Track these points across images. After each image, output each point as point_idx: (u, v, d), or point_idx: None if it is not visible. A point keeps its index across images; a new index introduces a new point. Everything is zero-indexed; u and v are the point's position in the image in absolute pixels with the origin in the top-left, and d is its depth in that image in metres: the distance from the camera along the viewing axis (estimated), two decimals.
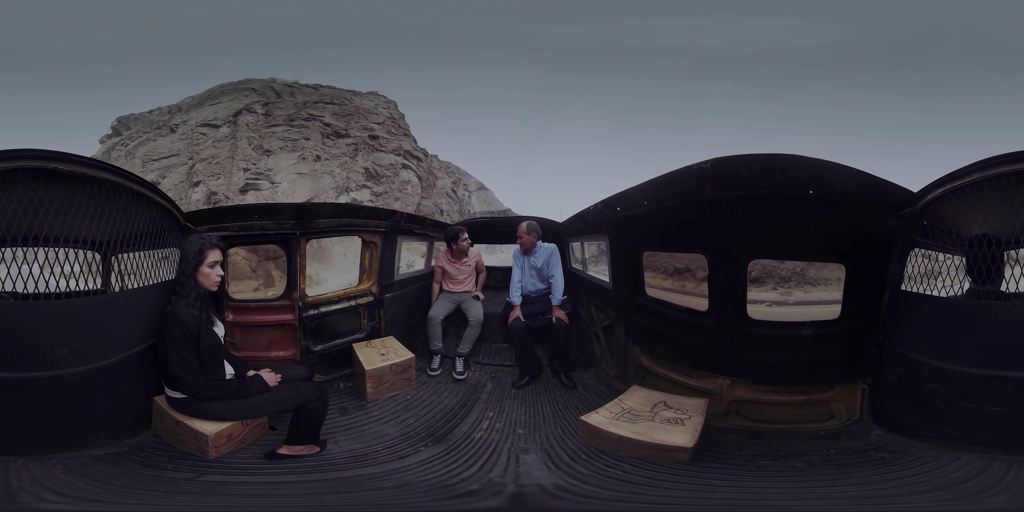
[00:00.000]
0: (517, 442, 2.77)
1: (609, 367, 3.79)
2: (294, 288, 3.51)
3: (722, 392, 2.80)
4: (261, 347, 3.46)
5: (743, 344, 2.72)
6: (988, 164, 1.99)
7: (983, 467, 1.89)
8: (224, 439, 2.33)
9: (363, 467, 2.42)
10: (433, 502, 2.07)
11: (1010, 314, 1.99)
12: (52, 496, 1.68)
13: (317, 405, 2.48)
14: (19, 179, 1.88)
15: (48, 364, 1.93)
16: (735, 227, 2.57)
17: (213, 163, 21.62)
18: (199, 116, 23.24)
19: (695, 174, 2.37)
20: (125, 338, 2.22)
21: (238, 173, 21.48)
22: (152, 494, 1.89)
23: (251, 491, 2.08)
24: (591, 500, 2.05)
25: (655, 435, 2.44)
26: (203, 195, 20.98)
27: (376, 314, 4.19)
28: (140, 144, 22.90)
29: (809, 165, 2.20)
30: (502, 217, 8.03)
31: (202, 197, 21.04)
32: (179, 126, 22.85)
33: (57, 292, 2.07)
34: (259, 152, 22.22)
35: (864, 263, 2.50)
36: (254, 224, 3.26)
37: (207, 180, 21.19)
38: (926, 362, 2.21)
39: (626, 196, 3.05)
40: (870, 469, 2.15)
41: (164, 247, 2.61)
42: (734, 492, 2.10)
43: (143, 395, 2.38)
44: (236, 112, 22.98)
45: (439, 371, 4.14)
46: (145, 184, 2.35)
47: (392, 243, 4.40)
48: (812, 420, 2.67)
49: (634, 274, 3.41)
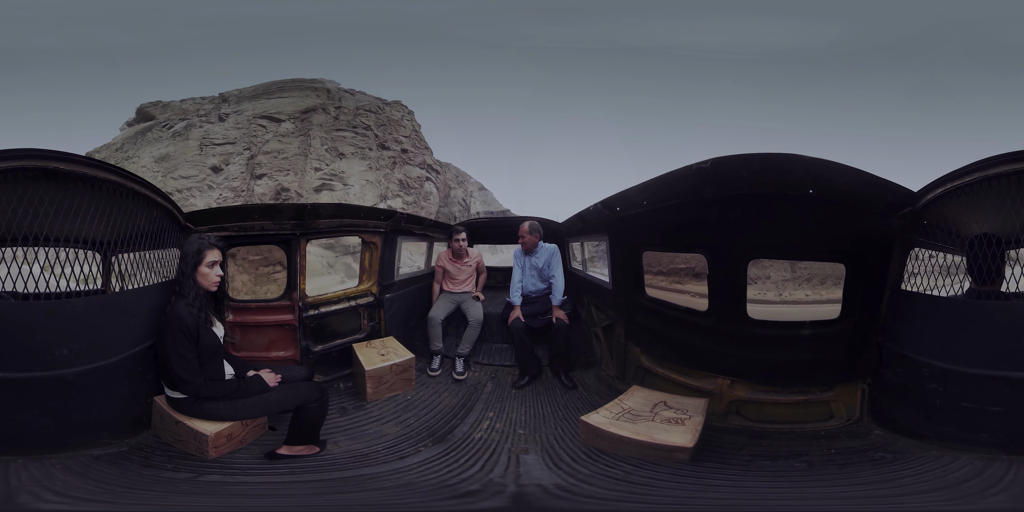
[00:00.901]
0: (517, 442, 2.77)
1: (609, 367, 3.79)
2: (294, 288, 3.51)
3: (722, 392, 2.80)
4: (261, 347, 3.46)
5: (743, 344, 2.72)
6: (988, 164, 1.99)
7: (983, 467, 1.89)
8: (224, 439, 2.32)
9: (363, 467, 2.42)
10: (433, 502, 2.07)
11: (1010, 314, 1.99)
12: (52, 496, 1.68)
13: (317, 405, 2.48)
14: (19, 179, 1.88)
15: (48, 364, 1.93)
16: (735, 227, 2.57)
17: (279, 158, 21.48)
18: (255, 108, 23.00)
19: (695, 174, 2.37)
20: (125, 338, 2.22)
21: (311, 172, 21.56)
22: (152, 494, 1.89)
23: (251, 491, 2.08)
24: (591, 500, 2.05)
25: (655, 435, 2.44)
26: (269, 189, 20.84)
27: (376, 314, 4.19)
28: (191, 126, 22.38)
29: (809, 165, 2.21)
30: (502, 217, 8.04)
31: (268, 191, 20.89)
32: (230, 116, 22.53)
33: (57, 292, 2.07)
34: (333, 153, 22.45)
35: (864, 263, 2.50)
36: (254, 224, 3.26)
37: (274, 174, 21.08)
38: (926, 362, 2.21)
39: (626, 196, 3.05)
40: (870, 469, 2.15)
41: (164, 247, 2.61)
42: (734, 492, 2.10)
43: (143, 395, 2.38)
44: (305, 109, 22.97)
45: (439, 371, 4.14)
46: (145, 184, 2.35)
47: (392, 243, 4.41)
48: (812, 420, 2.67)
49: (634, 274, 3.41)
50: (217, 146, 21.41)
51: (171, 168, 20.51)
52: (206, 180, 20.47)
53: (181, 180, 20.20)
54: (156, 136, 22.27)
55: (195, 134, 21.75)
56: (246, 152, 21.58)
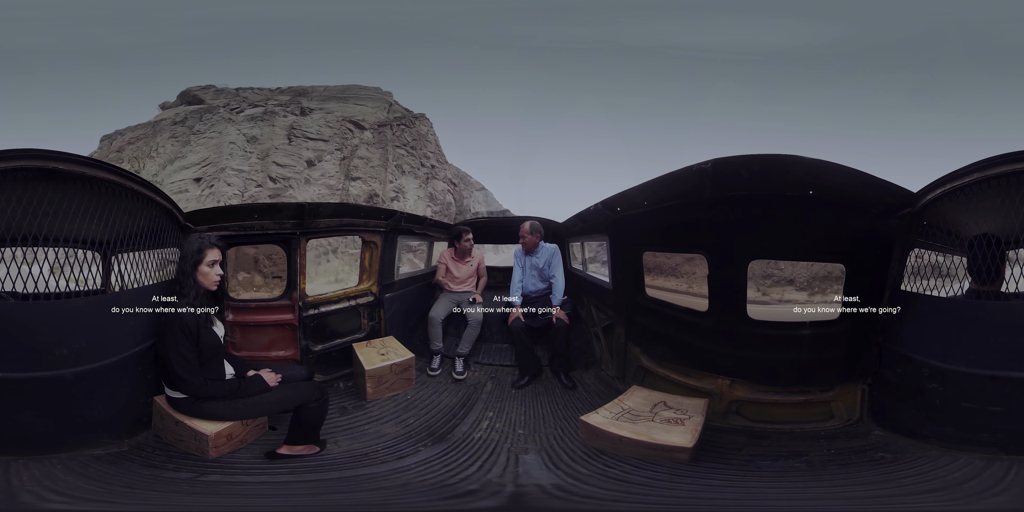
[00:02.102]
0: (517, 442, 2.77)
1: (609, 367, 3.79)
2: (294, 288, 3.51)
3: (722, 392, 2.80)
4: (261, 347, 3.46)
5: (743, 344, 2.72)
6: (988, 164, 1.99)
7: (983, 467, 1.90)
8: (224, 439, 2.33)
9: (363, 467, 2.42)
10: (433, 502, 2.08)
11: (1010, 314, 1.99)
12: (52, 496, 1.68)
13: (317, 405, 2.48)
14: (19, 179, 1.88)
15: (48, 364, 1.93)
16: (735, 227, 2.57)
17: (369, 165, 21.73)
18: (343, 110, 22.90)
19: (695, 174, 2.37)
20: (125, 338, 2.22)
21: (388, 183, 21.95)
22: (152, 494, 1.89)
23: (251, 491, 2.08)
24: (591, 500, 2.05)
25: (655, 435, 2.44)
26: (363, 192, 20.98)
27: (376, 314, 4.19)
28: (272, 114, 21.97)
29: (809, 165, 2.21)
30: (503, 217, 8.04)
31: (361, 194, 20.93)
32: (313, 111, 22.42)
33: (57, 292, 2.07)
34: (399, 170, 22.87)
35: (864, 263, 2.50)
36: (254, 224, 3.26)
37: (366, 179, 21.26)
38: (926, 362, 2.21)
39: (626, 196, 3.05)
40: (870, 469, 2.15)
41: (164, 247, 2.61)
42: (734, 492, 2.10)
43: (143, 395, 2.38)
44: (381, 123, 23.20)
45: (439, 371, 4.14)
46: (145, 184, 2.35)
47: (392, 243, 4.41)
48: (812, 420, 2.67)
49: (634, 274, 3.41)
50: (310, 140, 21.26)
51: (264, 152, 20.28)
52: (304, 172, 20.34)
53: (276, 167, 19.86)
54: (225, 117, 21.61)
55: (280, 122, 21.40)
56: (337, 152, 21.62)
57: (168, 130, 21.18)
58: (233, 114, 21.82)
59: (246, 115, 21.67)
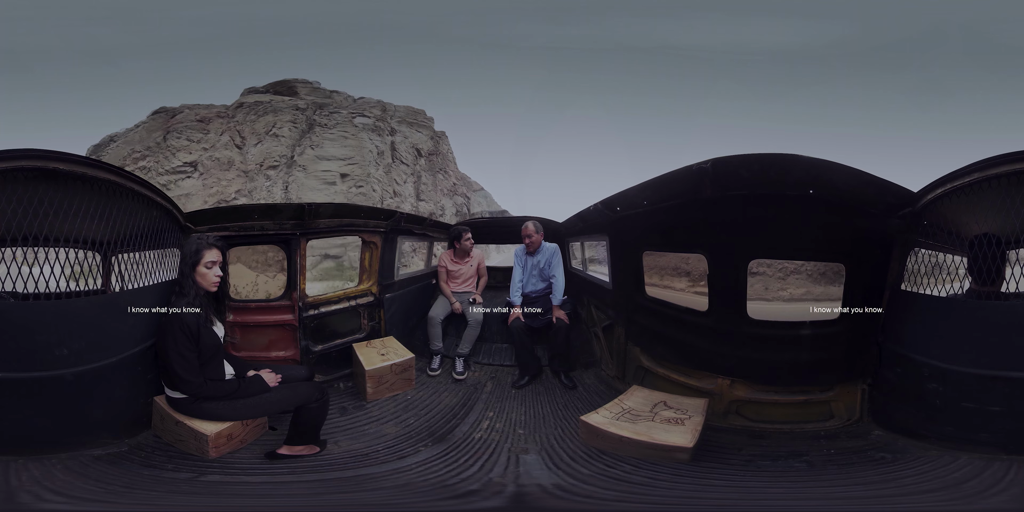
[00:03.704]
0: (517, 442, 2.77)
1: (609, 367, 3.78)
2: (294, 288, 3.51)
3: (722, 392, 2.80)
4: (261, 347, 3.46)
5: (743, 344, 2.72)
6: (988, 164, 1.99)
7: (983, 467, 1.90)
8: (224, 439, 2.33)
9: (363, 467, 2.42)
10: (433, 502, 2.07)
11: (1010, 314, 1.99)
12: (52, 496, 1.68)
13: (317, 405, 2.48)
14: (19, 179, 1.88)
15: (48, 364, 1.93)
16: (735, 227, 2.57)
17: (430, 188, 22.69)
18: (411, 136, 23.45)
19: (695, 174, 2.37)
20: (125, 338, 2.22)
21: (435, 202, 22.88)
22: (152, 494, 1.89)
23: (251, 491, 2.08)
24: (591, 500, 2.06)
25: (655, 435, 2.44)
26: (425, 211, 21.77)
27: (376, 314, 4.19)
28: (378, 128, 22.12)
29: (809, 165, 2.21)
30: (503, 217, 8.05)
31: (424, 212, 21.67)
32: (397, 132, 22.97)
33: (57, 292, 2.07)
34: (440, 193, 23.65)
35: (864, 263, 2.50)
36: (254, 224, 3.26)
37: (428, 201, 22.17)
38: (926, 362, 2.21)
39: (626, 196, 3.05)
40: (870, 469, 2.15)
41: (164, 247, 2.61)
42: (734, 492, 2.10)
43: (143, 395, 2.38)
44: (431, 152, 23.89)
45: (439, 371, 4.14)
46: (145, 184, 2.35)
47: (392, 243, 4.41)
48: (812, 420, 2.67)
49: (634, 274, 3.41)
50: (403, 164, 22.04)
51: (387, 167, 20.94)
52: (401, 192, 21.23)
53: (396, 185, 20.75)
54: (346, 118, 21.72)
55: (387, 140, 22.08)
56: (412, 177, 22.40)
57: (288, 113, 21.33)
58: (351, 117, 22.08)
59: (360, 123, 21.97)
